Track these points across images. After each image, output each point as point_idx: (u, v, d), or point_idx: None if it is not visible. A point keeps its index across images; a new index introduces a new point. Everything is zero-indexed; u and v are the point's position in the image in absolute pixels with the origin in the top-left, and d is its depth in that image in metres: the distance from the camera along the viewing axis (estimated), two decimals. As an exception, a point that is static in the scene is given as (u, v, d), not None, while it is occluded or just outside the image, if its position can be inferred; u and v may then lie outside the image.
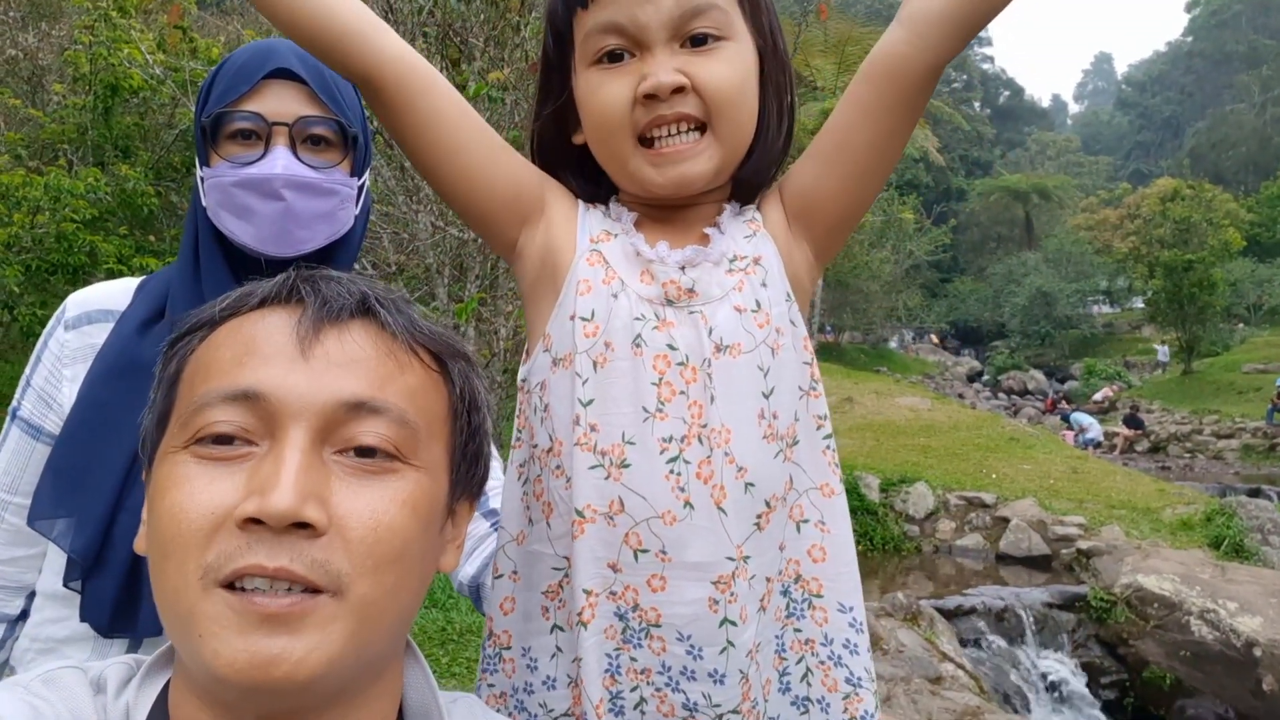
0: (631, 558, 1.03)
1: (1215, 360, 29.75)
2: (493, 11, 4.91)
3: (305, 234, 1.36)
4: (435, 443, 0.82)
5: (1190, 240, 33.48)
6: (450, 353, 0.87)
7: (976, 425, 13.68)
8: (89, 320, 1.38)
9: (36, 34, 10.84)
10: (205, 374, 0.77)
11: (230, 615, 0.68)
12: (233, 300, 0.82)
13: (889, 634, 6.27)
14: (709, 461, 1.03)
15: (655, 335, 1.05)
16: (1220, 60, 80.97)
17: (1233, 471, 19.28)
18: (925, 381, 29.22)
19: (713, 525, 1.02)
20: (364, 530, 0.72)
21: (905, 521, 9.95)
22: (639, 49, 1.06)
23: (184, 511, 0.71)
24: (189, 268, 1.39)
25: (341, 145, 1.39)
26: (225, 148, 1.34)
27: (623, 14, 1.04)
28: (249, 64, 1.35)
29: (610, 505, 1.03)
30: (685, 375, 1.05)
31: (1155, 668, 7.16)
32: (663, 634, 1.02)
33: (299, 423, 0.73)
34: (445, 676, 4.55)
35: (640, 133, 1.06)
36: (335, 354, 0.77)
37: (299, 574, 0.68)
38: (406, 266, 5.74)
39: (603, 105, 1.07)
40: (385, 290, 0.85)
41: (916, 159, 40.18)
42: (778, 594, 1.10)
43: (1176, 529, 8.93)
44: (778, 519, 1.08)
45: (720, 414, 1.04)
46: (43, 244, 7.38)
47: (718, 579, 1.02)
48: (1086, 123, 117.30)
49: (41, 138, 8.97)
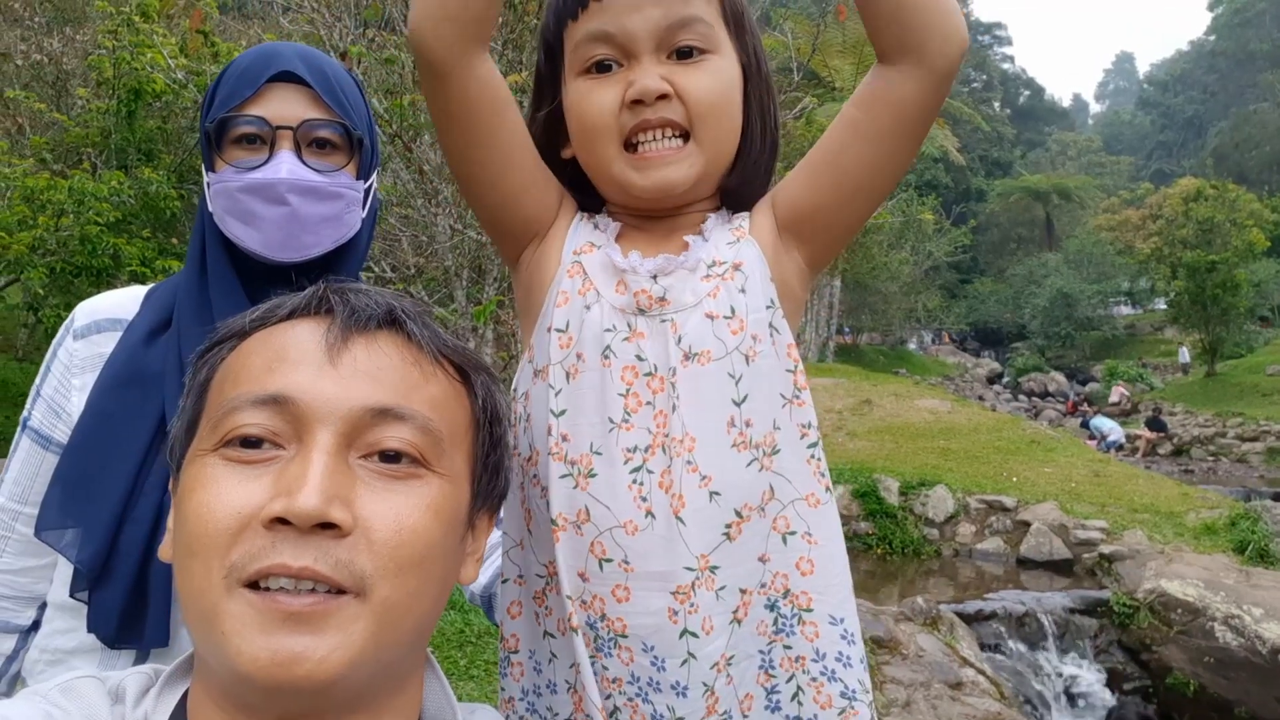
0: (597, 567, 1.04)
1: (1239, 362, 29.46)
2: (510, 15, 4.93)
3: (311, 238, 1.35)
4: (458, 452, 0.83)
5: (1213, 241, 33.15)
6: (473, 365, 0.89)
7: (997, 428, 13.56)
8: (97, 329, 1.38)
9: (61, 39, 10.97)
10: (235, 380, 0.79)
11: (253, 614, 0.69)
12: (263, 311, 0.84)
13: (909, 639, 6.23)
14: (669, 471, 1.04)
15: (624, 346, 1.08)
16: (1244, 59, 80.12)
17: (1257, 475, 19.06)
18: (945, 383, 29.09)
19: (670, 535, 1.03)
20: (388, 533, 0.73)
21: (925, 525, 9.88)
22: (627, 58, 1.09)
23: (210, 511, 0.72)
24: (195, 274, 1.39)
25: (347, 148, 1.38)
26: (230, 152, 1.34)
27: (612, 24, 1.08)
28: (252, 68, 1.34)
29: (578, 514, 1.05)
30: (652, 385, 1.07)
31: (1179, 674, 7.08)
32: (629, 644, 1.04)
33: (326, 427, 0.74)
34: (463, 679, 4.55)
35: (626, 138, 1.10)
36: (362, 362, 0.78)
37: (323, 574, 0.69)
38: (425, 269, 5.76)
39: (590, 110, 1.11)
40: (411, 303, 0.87)
41: (936, 159, 40.03)
42: (761, 608, 1.08)
43: (1200, 533, 8.83)
44: (754, 529, 1.07)
45: (684, 423, 1.05)
46: (67, 246, 7.46)
47: (676, 589, 1.02)
48: (1108, 122, 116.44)
49: (66, 141, 9.08)
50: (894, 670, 5.81)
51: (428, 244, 5.40)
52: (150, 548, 1.24)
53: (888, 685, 5.63)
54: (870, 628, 6.19)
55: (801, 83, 8.07)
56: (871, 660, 5.85)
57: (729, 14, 1.14)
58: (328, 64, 1.41)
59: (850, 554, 4.77)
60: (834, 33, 20.22)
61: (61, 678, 0.79)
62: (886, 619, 6.41)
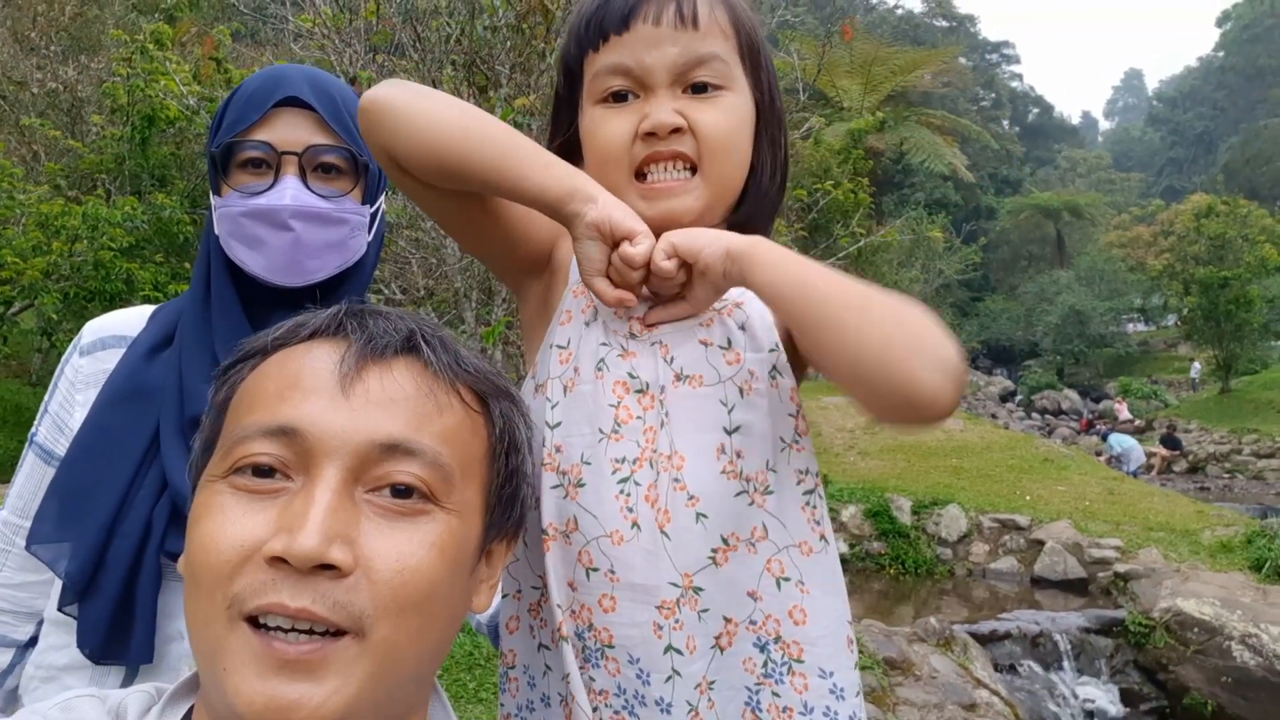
0: (584, 576, 1.05)
1: (1254, 378, 29.23)
2: (519, 39, 4.97)
3: (315, 264, 1.37)
4: (470, 485, 0.83)
5: (1225, 257, 32.92)
6: (494, 392, 0.88)
7: (1010, 446, 13.49)
8: (103, 346, 1.40)
9: (76, 67, 11.11)
10: (250, 404, 0.79)
11: (251, 655, 0.69)
12: (285, 331, 0.84)
13: (922, 660, 6.18)
14: (655, 485, 1.05)
15: (618, 362, 1.10)
16: (1253, 75, 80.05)
17: (1274, 492, 18.89)
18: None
19: (655, 548, 1.04)
20: (389, 572, 0.73)
21: (938, 544, 9.83)
22: (643, 90, 1.12)
23: (215, 541, 0.72)
24: (200, 295, 1.40)
25: (353, 173, 1.39)
26: (236, 177, 1.35)
27: (631, 57, 1.11)
28: (259, 92, 1.35)
29: (567, 524, 1.07)
30: (643, 402, 1.09)
31: (1196, 694, 7.00)
32: (615, 655, 1.04)
33: (333, 461, 0.74)
34: (472, 702, 4.54)
35: (637, 168, 1.13)
36: (375, 393, 0.78)
37: (320, 615, 0.69)
38: (435, 290, 5.79)
39: (604, 139, 1.14)
40: (433, 327, 0.86)
41: (945, 177, 39.98)
42: (749, 644, 1.07)
43: (1216, 551, 8.74)
44: (744, 562, 1.06)
45: (672, 440, 1.07)
46: (80, 272, 7.53)
47: (661, 603, 1.03)
48: (1118, 139, 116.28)
49: (80, 168, 9.18)
50: (907, 692, 5.76)
51: (437, 266, 5.43)
52: (138, 562, 1.24)
53: (901, 707, 5.58)
54: (883, 649, 6.15)
55: (808, 102, 8.10)
56: (884, 682, 5.80)
57: (745, 51, 1.17)
58: (335, 87, 1.41)
59: (862, 574, 4.79)
60: (841, 52, 20.31)
61: (61, 696, 0.79)
62: (899, 640, 6.36)
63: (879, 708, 5.45)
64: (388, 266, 5.83)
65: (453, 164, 1.07)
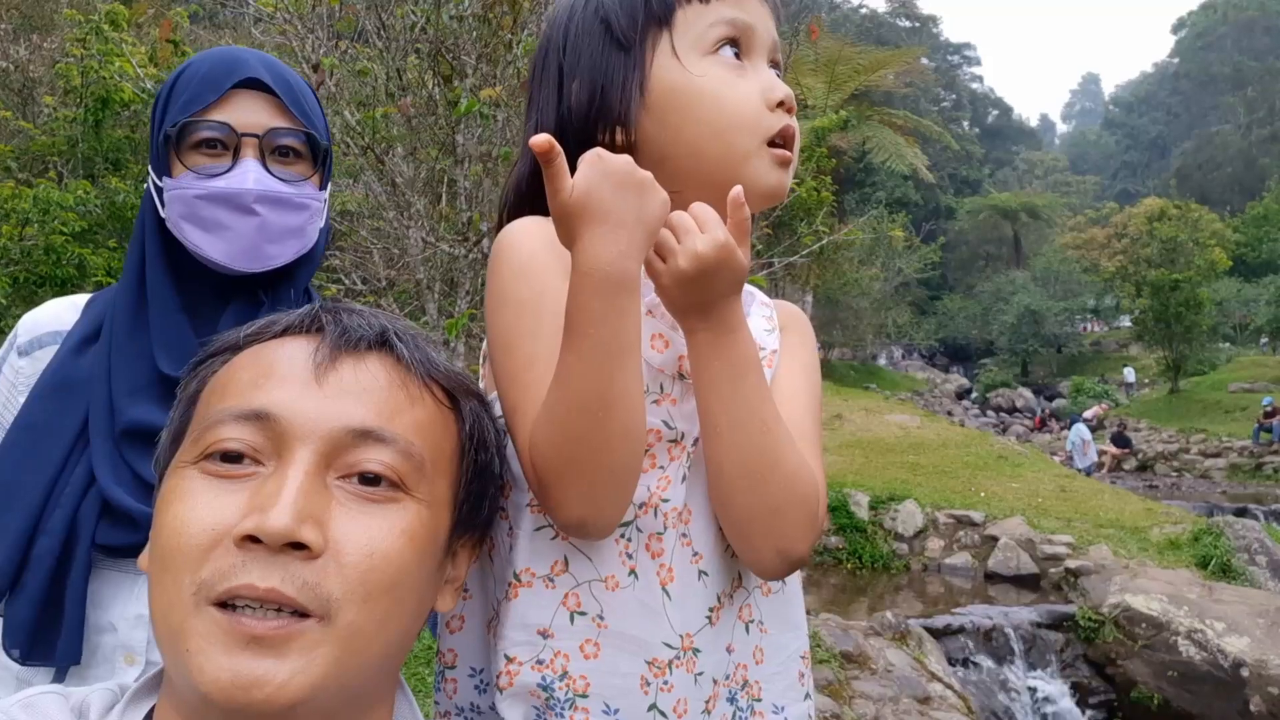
0: (567, 621, 0.97)
1: (1202, 379, 29.97)
2: (485, 29, 4.93)
3: (276, 249, 1.34)
4: (440, 478, 0.83)
5: (1177, 260, 33.73)
6: (464, 391, 0.88)
7: (965, 443, 13.68)
8: (39, 345, 1.36)
9: (28, 46, 10.83)
10: (223, 393, 0.79)
11: (218, 634, 0.69)
12: (258, 327, 0.84)
13: (877, 653, 6.26)
14: (660, 538, 1.00)
15: (652, 409, 1.00)
16: (1206, 81, 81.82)
17: (1219, 490, 19.39)
18: (914, 399, 29.29)
19: (654, 604, 0.98)
20: (359, 556, 0.73)
21: (894, 539, 9.94)
22: (748, 56, 1.10)
23: (185, 525, 0.72)
24: (133, 283, 1.35)
25: (310, 158, 1.36)
26: (190, 157, 1.30)
27: (753, 17, 1.09)
28: (215, 71, 1.31)
29: (552, 567, 0.98)
30: (673, 453, 1.01)
31: (1143, 688, 7.16)
32: (588, 705, 0.96)
33: (306, 445, 0.74)
34: (431, 696, 4.51)
35: (770, 137, 1.08)
36: (349, 382, 0.79)
37: (288, 596, 0.69)
38: (397, 281, 5.73)
39: (738, 101, 1.07)
40: (406, 326, 0.87)
41: (906, 177, 40.41)
42: (724, 700, 1.04)
43: (1164, 548, 8.95)
44: (727, 617, 1.04)
45: (685, 494, 1.01)
46: (31, 256, 7.35)
47: (652, 660, 0.98)
48: (1074, 142, 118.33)
49: (31, 150, 8.96)
50: (863, 685, 5.83)
51: (399, 257, 5.37)
52: (63, 560, 1.21)
53: (856, 700, 5.64)
54: (840, 642, 6.21)
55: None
56: (841, 676, 5.86)
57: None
58: (289, 72, 1.39)
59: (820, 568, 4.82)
60: (806, 50, 20.41)
61: (22, 693, 0.78)
62: (856, 634, 6.43)
63: (836, 701, 5.51)
64: (348, 257, 5.76)
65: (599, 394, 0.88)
